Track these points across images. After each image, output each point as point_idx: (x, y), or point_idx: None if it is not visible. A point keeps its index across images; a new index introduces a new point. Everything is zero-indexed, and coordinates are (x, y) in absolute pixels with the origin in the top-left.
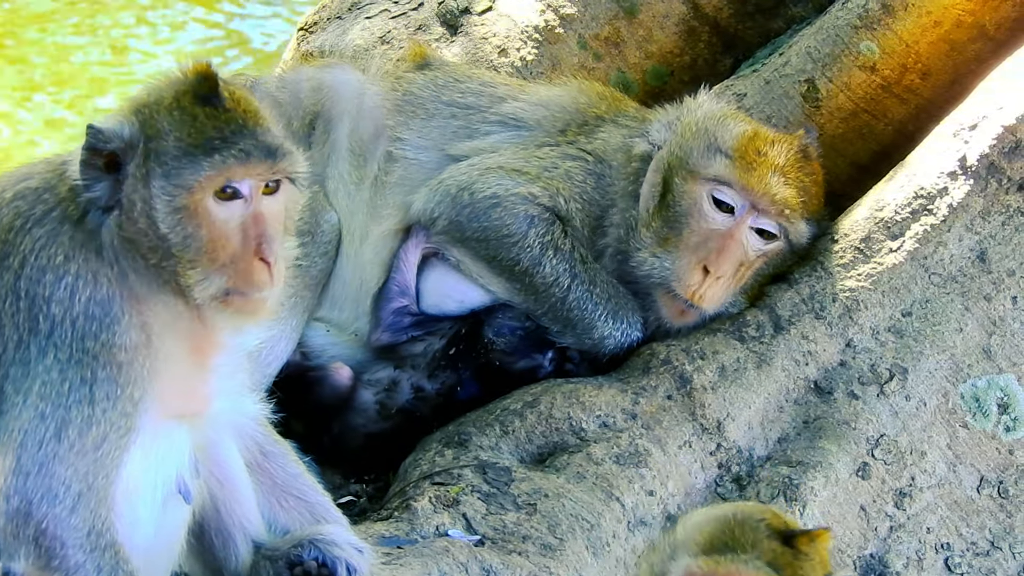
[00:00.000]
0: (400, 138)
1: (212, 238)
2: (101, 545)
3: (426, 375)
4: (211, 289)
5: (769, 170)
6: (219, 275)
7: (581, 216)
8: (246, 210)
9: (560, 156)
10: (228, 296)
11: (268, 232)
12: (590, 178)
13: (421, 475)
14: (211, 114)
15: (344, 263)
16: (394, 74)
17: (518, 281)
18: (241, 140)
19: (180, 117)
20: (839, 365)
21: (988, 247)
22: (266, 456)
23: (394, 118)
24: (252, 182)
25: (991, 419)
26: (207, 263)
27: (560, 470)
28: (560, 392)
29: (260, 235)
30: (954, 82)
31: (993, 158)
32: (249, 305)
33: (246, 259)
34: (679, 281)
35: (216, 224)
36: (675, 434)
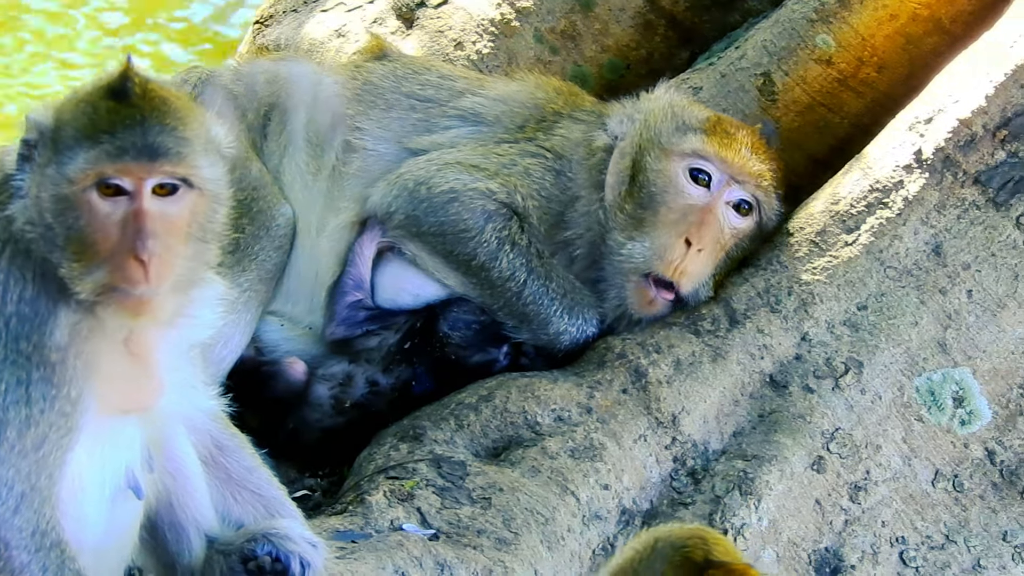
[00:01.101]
0: (359, 128)
1: (92, 231)
2: (46, 545)
3: (381, 369)
4: (90, 284)
5: (742, 145)
6: (99, 270)
7: (539, 213)
8: (129, 207)
9: (519, 153)
10: (110, 293)
11: (147, 230)
12: (549, 175)
13: (376, 469)
14: (112, 108)
15: (300, 256)
16: (353, 63)
17: (474, 276)
18: (123, 137)
19: (83, 108)
20: (794, 359)
21: (943, 240)
22: (221, 450)
23: (353, 107)
24: (133, 180)
25: (946, 413)
26: (88, 257)
27: (515, 464)
28: (515, 386)
29: (138, 232)
30: (910, 76)
31: (948, 151)
32: (130, 303)
33: (122, 255)
34: (660, 258)
35: (96, 218)
36: (630, 428)
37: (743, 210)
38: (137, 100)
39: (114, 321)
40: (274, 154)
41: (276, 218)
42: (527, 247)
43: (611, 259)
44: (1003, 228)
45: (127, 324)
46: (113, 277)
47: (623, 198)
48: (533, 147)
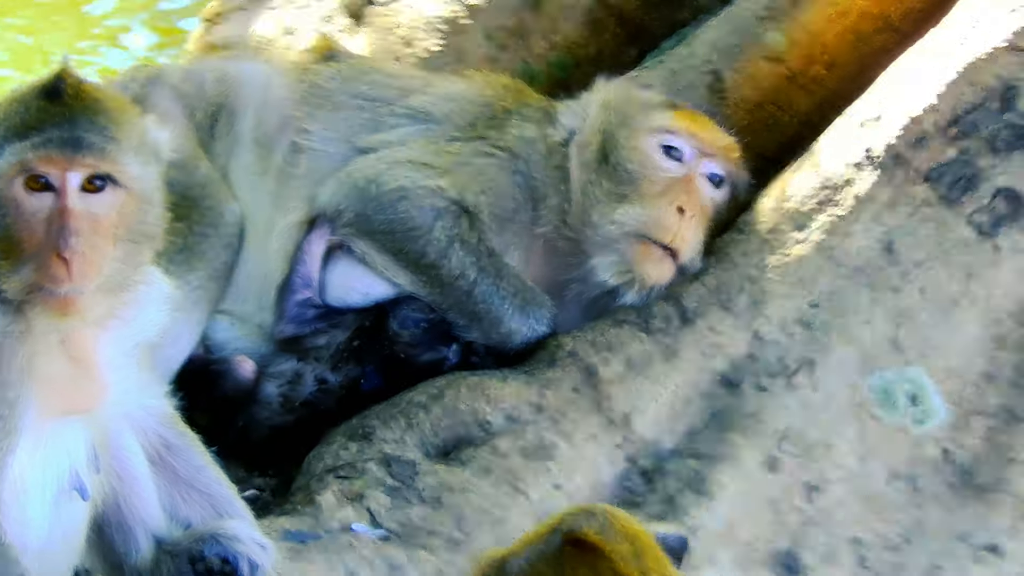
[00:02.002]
0: (306, 129)
1: (17, 228)
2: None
3: (330, 367)
4: (17, 283)
5: (707, 121)
6: (24, 269)
7: (490, 211)
8: (55, 204)
9: (471, 152)
10: (36, 292)
11: (71, 227)
12: (503, 174)
13: (325, 469)
14: (43, 106)
15: (249, 255)
16: (301, 65)
17: (424, 274)
18: (50, 130)
19: (16, 107)
20: (747, 357)
21: (895, 238)
22: (169, 449)
23: (300, 109)
24: (58, 173)
25: (900, 412)
26: (14, 255)
27: (465, 464)
28: (465, 385)
29: (62, 229)
30: (860, 73)
31: (899, 149)
32: (56, 303)
33: (46, 253)
34: (656, 225)
35: (22, 213)
36: (581, 427)
37: (716, 182)
38: (68, 99)
39: (44, 322)
40: (222, 154)
41: (225, 216)
42: (477, 245)
43: (601, 231)
44: (954, 226)
45: (57, 325)
46: (38, 276)
47: (596, 181)
48: (486, 146)
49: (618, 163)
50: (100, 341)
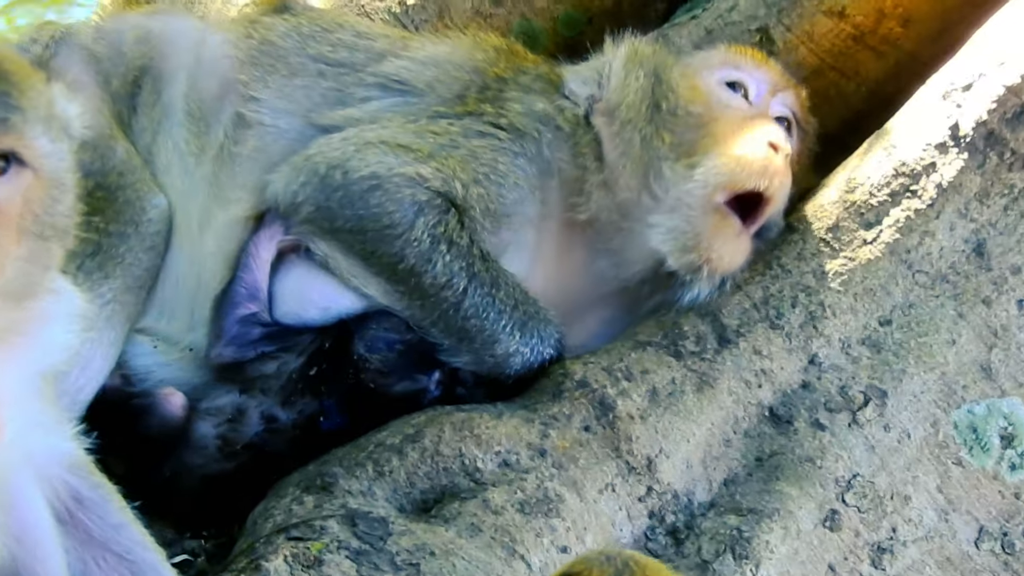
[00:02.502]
0: (255, 98)
1: None
2: None
3: (280, 401)
4: None
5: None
6: None
7: (485, 204)
8: None
9: (462, 132)
10: None
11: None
12: (503, 157)
13: (274, 528)
14: None
15: (177, 258)
16: (248, 18)
17: (402, 283)
18: None
19: None
20: (801, 387)
21: (987, 238)
22: (80, 504)
23: (248, 72)
24: None
25: (992, 454)
26: None
27: (449, 521)
28: (449, 423)
29: None
30: (943, 31)
31: (993, 126)
32: None
33: None
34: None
35: None
36: (594, 475)
37: (786, 127)
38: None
39: None
40: (146, 131)
41: (147, 211)
42: (468, 247)
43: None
44: None
45: None
46: None
47: (653, 138)
48: (481, 124)
49: (677, 108)
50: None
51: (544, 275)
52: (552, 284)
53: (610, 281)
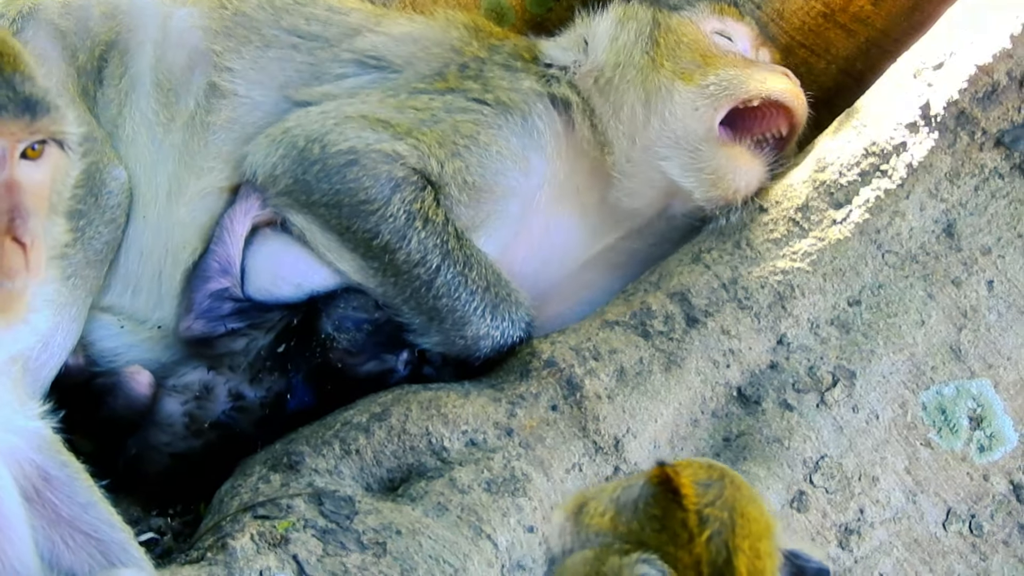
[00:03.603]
0: (229, 68)
1: None
2: None
3: (247, 379)
4: None
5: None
6: None
7: (463, 178)
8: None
9: (444, 107)
10: None
11: (24, 205)
12: (487, 132)
13: (241, 506)
14: None
15: (142, 229)
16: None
17: (376, 259)
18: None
19: None
20: (769, 368)
21: (957, 218)
22: (48, 483)
23: (221, 43)
24: (5, 143)
25: (961, 436)
26: None
27: (416, 500)
28: (416, 402)
29: (14, 208)
30: (914, 9)
31: (964, 105)
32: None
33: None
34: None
35: None
36: (561, 454)
37: None
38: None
39: None
40: (112, 102)
41: (107, 183)
42: (444, 225)
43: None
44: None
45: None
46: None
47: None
48: (464, 100)
49: (679, 45)
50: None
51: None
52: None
53: (621, 222)
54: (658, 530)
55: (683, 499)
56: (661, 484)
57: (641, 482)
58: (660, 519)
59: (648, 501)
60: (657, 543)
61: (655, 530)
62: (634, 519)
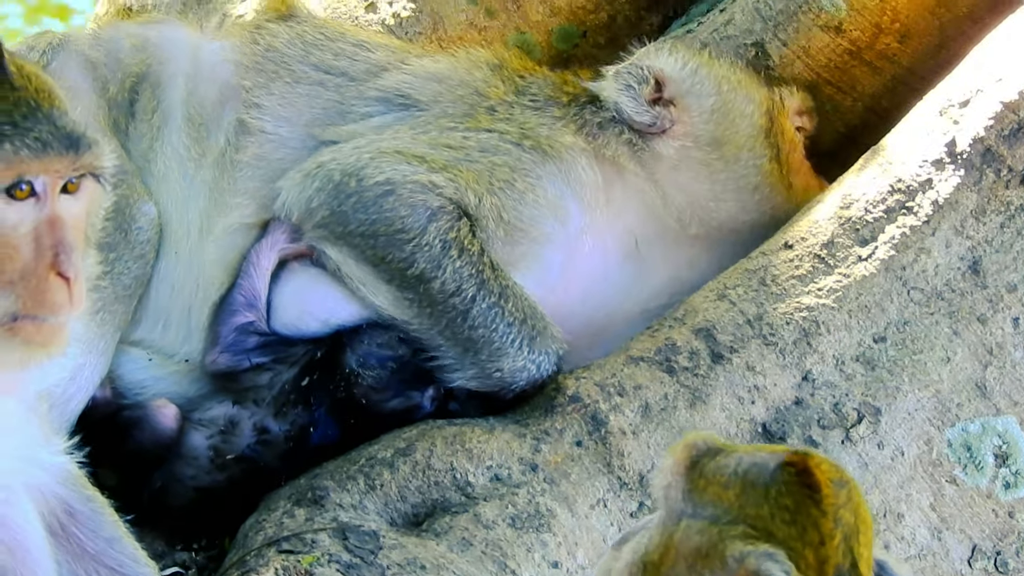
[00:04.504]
0: (258, 104)
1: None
2: None
3: (272, 413)
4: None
5: None
6: (4, 295)
7: (498, 213)
8: (40, 212)
9: (479, 146)
10: (15, 322)
11: (67, 240)
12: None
13: (265, 541)
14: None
15: (174, 264)
16: (253, 23)
17: (411, 289)
18: (36, 126)
19: None
20: (794, 404)
21: (983, 255)
22: (73, 517)
23: (252, 78)
24: (47, 179)
25: (986, 473)
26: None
27: (441, 535)
28: (441, 437)
29: (58, 244)
30: (940, 47)
31: (990, 142)
32: (41, 333)
33: (40, 274)
34: None
35: (4, 229)
36: (586, 490)
37: None
38: (20, 81)
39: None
40: (144, 137)
41: (137, 219)
42: (479, 256)
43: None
44: None
45: (20, 360)
46: (28, 303)
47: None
48: (499, 140)
49: (789, 155)
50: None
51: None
52: (589, 294)
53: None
54: (788, 522)
55: (822, 498)
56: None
57: (772, 464)
58: (792, 511)
59: (781, 490)
60: (785, 536)
61: (784, 522)
62: (764, 504)
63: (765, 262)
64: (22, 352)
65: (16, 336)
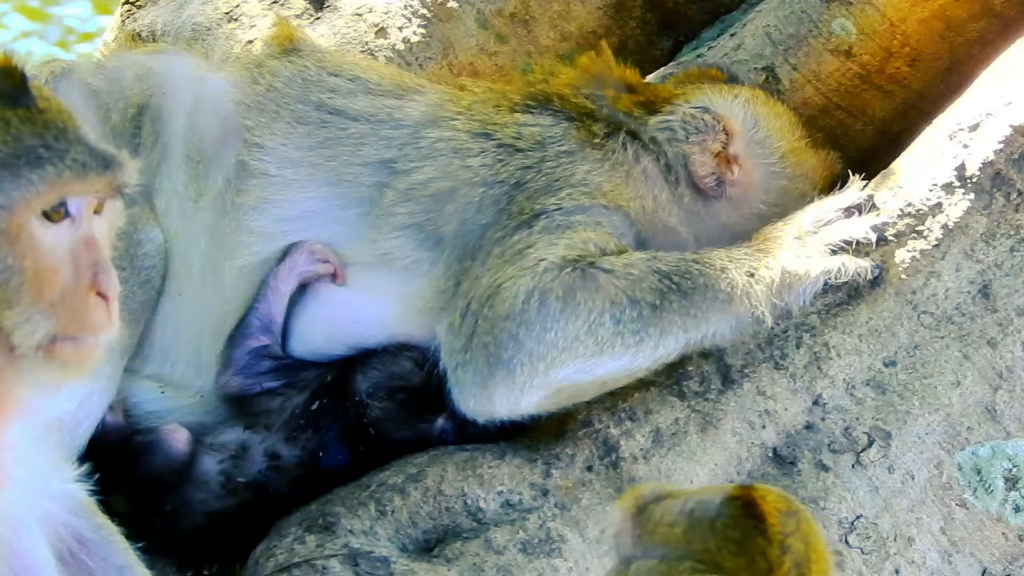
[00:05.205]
0: (260, 145)
1: (38, 270)
2: None
3: (283, 438)
4: (36, 335)
5: None
6: (46, 317)
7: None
8: (75, 233)
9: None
10: (55, 343)
11: (104, 260)
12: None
13: (276, 567)
14: (25, 117)
15: (178, 305)
16: (254, 60)
17: None
18: (71, 147)
19: None
20: (805, 428)
21: (993, 279)
22: (83, 545)
23: (254, 118)
24: (83, 200)
25: (996, 497)
26: (30, 302)
27: (452, 561)
28: (452, 463)
29: (96, 264)
30: (951, 70)
31: (999, 166)
32: (79, 354)
33: (79, 295)
34: None
35: (43, 252)
36: (597, 515)
37: None
38: (44, 104)
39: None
40: (146, 171)
41: (143, 244)
42: None
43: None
44: None
45: (56, 381)
46: (69, 324)
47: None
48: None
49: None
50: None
51: None
52: None
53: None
54: (735, 553)
55: (767, 528)
56: (743, 507)
57: (718, 500)
58: (739, 543)
59: (727, 523)
60: (733, 567)
61: (732, 553)
62: (711, 538)
63: None
64: (58, 374)
65: (54, 358)
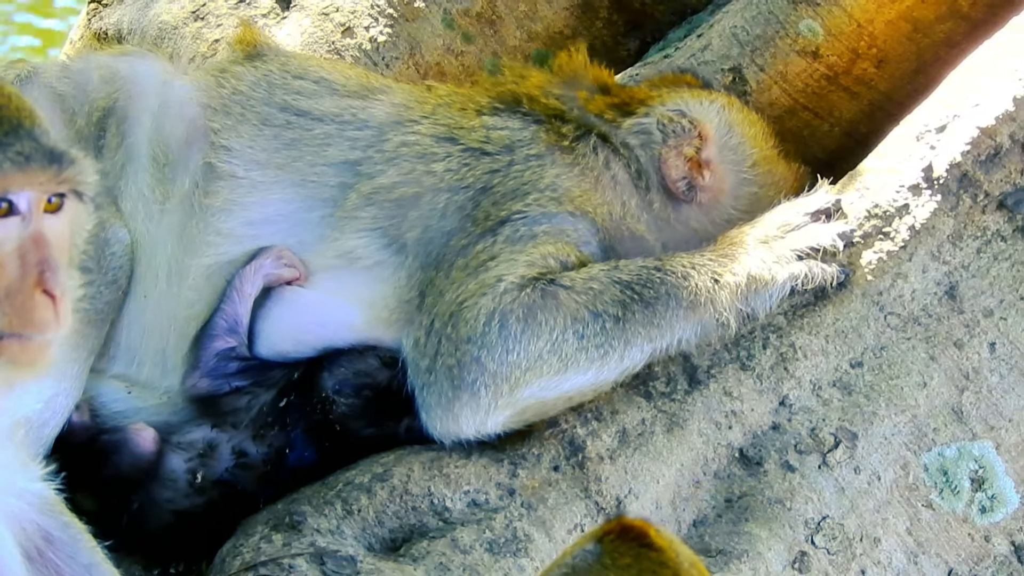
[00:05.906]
0: (227, 147)
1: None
2: None
3: (250, 436)
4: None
5: None
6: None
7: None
8: (24, 230)
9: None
10: (1, 340)
11: (52, 258)
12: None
13: (243, 566)
14: None
15: (143, 307)
16: (218, 67)
17: None
18: (18, 142)
19: None
20: (771, 429)
21: (959, 280)
22: (51, 543)
23: (220, 120)
24: (32, 194)
25: (962, 497)
26: None
27: (418, 560)
28: (419, 462)
29: (43, 261)
30: (918, 72)
31: (966, 168)
32: (27, 352)
33: (25, 292)
34: None
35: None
36: (564, 515)
37: None
38: (2, 100)
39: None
40: (109, 174)
41: (110, 244)
42: None
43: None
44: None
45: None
46: (14, 321)
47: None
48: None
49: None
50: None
51: None
52: None
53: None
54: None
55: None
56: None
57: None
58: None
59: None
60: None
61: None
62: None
63: None
64: (7, 372)
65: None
